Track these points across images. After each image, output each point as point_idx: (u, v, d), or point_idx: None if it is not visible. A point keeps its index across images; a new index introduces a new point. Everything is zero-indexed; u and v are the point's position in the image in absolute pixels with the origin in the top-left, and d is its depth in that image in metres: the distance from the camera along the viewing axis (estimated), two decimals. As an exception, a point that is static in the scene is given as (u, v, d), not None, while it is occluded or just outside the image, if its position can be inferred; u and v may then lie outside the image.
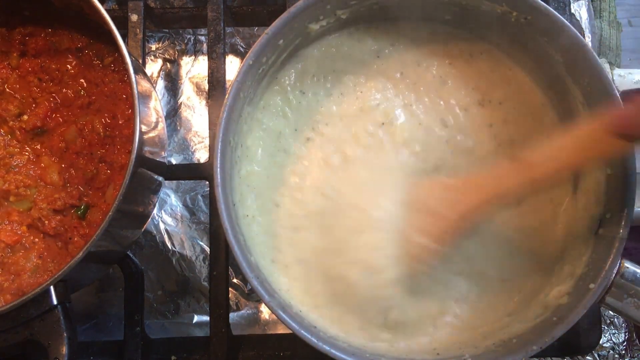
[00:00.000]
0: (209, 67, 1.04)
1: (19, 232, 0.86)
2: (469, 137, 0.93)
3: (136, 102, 0.78)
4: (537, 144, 0.80)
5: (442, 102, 0.94)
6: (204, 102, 1.18)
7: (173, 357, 0.99)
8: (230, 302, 1.06)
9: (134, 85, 0.78)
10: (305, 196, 0.91)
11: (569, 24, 0.83)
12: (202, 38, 1.21)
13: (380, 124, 0.93)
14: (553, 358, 1.03)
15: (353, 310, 0.87)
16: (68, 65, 0.92)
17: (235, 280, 1.10)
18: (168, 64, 1.20)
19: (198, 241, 1.12)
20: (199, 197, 1.13)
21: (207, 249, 1.10)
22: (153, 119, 0.88)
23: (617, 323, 1.13)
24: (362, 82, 0.95)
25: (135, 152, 0.77)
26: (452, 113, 0.94)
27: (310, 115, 0.94)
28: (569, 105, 0.89)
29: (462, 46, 0.96)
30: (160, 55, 1.20)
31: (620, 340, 1.12)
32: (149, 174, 0.88)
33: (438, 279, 0.89)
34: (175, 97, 1.18)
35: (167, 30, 1.21)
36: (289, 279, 0.88)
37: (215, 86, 1.03)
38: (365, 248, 0.87)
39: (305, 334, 0.76)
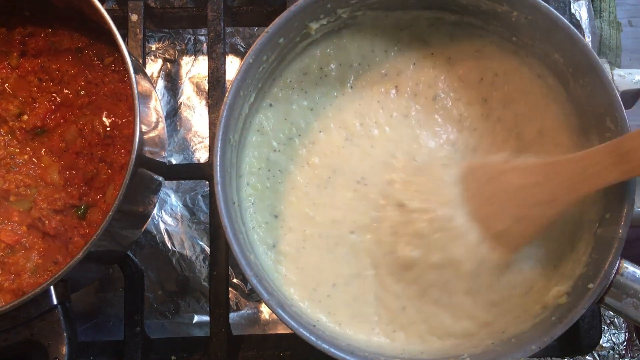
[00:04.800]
0: (209, 67, 1.04)
1: (19, 232, 0.86)
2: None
3: (136, 102, 0.78)
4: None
5: (449, 102, 0.95)
6: (204, 102, 1.18)
7: (173, 357, 0.99)
8: (230, 302, 1.06)
9: (134, 85, 0.78)
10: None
11: (569, 24, 0.83)
12: (202, 38, 1.21)
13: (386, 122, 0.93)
14: (553, 358, 1.03)
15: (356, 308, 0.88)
16: (68, 65, 0.92)
17: (235, 280, 1.10)
18: (168, 64, 1.20)
19: (198, 241, 1.12)
20: (199, 197, 1.13)
21: (207, 249, 1.10)
22: (153, 119, 0.88)
23: (617, 323, 1.13)
24: (364, 85, 0.95)
25: (135, 152, 0.77)
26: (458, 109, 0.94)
27: (313, 115, 0.94)
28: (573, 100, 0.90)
29: (465, 46, 0.95)
30: (160, 55, 1.20)
31: (620, 340, 1.12)
32: (149, 174, 0.88)
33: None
34: (175, 97, 1.18)
35: (167, 30, 1.21)
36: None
37: (215, 86, 1.03)
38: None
39: (305, 332, 0.76)
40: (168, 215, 1.12)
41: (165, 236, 1.11)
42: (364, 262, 0.89)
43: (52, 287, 0.76)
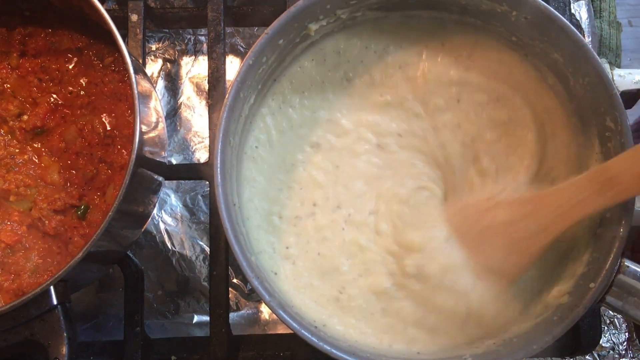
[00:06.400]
0: (209, 67, 1.04)
1: (19, 232, 0.86)
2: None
3: (136, 102, 0.78)
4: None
5: (450, 101, 0.94)
6: (204, 102, 1.18)
7: (173, 357, 0.99)
8: (230, 302, 1.06)
9: (134, 85, 0.78)
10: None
11: (569, 24, 0.83)
12: (202, 38, 1.21)
13: (387, 133, 0.94)
14: (553, 358, 1.03)
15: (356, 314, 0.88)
16: (68, 65, 0.92)
17: (235, 280, 1.10)
18: (168, 64, 1.20)
19: (198, 241, 1.11)
20: (199, 197, 1.13)
21: (207, 249, 1.10)
22: (153, 119, 0.88)
23: (617, 323, 1.13)
24: (363, 87, 0.95)
25: (135, 152, 0.77)
26: (464, 115, 0.94)
27: (314, 119, 0.94)
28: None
29: (465, 46, 0.95)
30: (160, 55, 1.20)
31: (620, 340, 1.12)
32: (149, 174, 0.88)
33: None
34: (175, 97, 1.18)
35: (167, 30, 1.21)
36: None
37: (215, 86, 1.03)
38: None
39: (306, 333, 0.76)
40: (168, 215, 1.12)
41: (165, 236, 1.11)
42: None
43: (52, 287, 0.76)
